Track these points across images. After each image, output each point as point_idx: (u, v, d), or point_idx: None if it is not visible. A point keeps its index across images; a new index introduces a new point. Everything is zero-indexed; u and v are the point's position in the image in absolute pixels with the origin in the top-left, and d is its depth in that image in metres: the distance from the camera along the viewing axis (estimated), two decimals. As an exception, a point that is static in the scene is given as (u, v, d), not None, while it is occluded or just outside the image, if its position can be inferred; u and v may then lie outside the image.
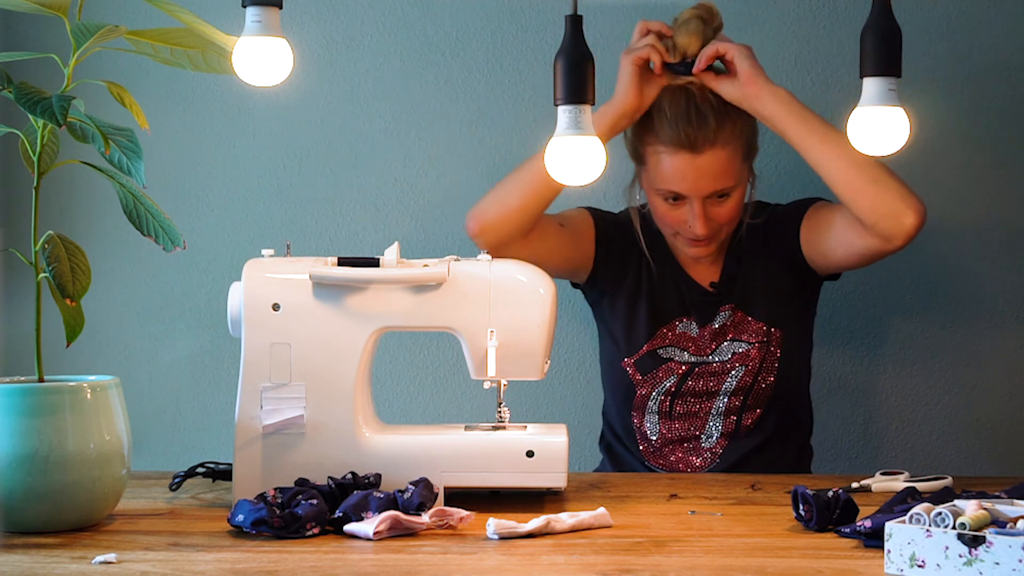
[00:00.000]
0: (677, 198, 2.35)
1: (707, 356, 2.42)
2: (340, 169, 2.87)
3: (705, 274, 2.46)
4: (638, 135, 2.37)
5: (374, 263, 1.91)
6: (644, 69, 2.30)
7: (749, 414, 2.41)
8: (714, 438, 2.41)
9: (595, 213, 2.51)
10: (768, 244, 2.44)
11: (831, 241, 2.36)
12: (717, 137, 2.30)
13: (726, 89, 2.28)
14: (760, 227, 2.45)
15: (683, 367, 2.42)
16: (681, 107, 2.30)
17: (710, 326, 2.43)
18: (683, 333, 2.44)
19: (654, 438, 2.43)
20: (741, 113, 2.31)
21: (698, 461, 2.42)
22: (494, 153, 2.84)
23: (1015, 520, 1.51)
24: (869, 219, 2.24)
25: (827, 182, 2.28)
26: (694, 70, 2.28)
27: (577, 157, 2.05)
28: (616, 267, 2.48)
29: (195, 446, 2.86)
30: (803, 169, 2.79)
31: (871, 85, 1.97)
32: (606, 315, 2.50)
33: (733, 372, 2.40)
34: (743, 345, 2.41)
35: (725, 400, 2.41)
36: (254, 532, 1.70)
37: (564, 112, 2.03)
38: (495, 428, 1.93)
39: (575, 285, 2.56)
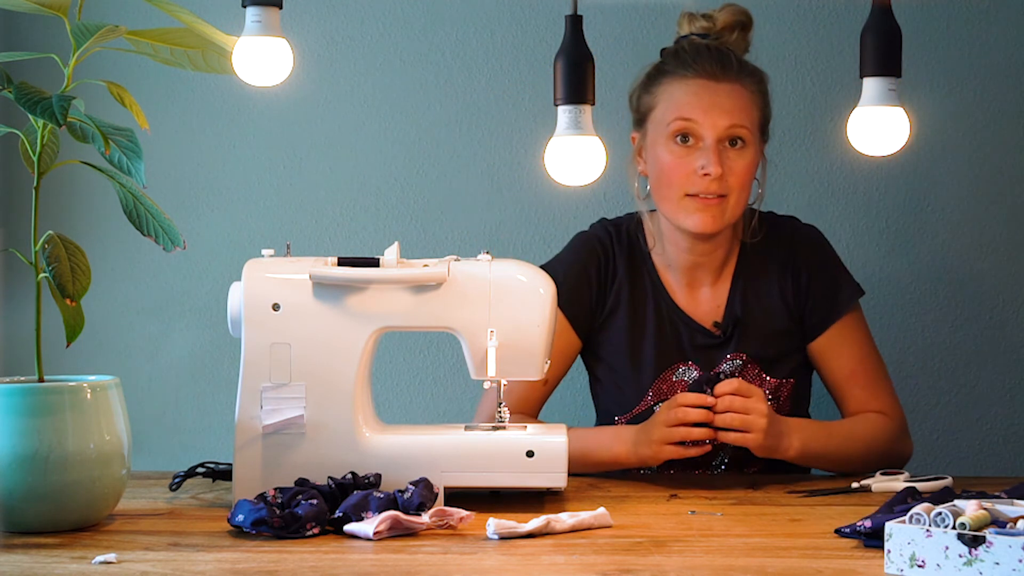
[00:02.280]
0: (687, 138, 2.20)
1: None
2: (340, 169, 2.87)
3: (706, 309, 2.32)
4: (649, 86, 2.26)
5: (374, 263, 1.90)
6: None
7: (756, 462, 2.28)
8: (718, 473, 2.29)
9: (559, 297, 2.02)
10: (785, 295, 2.31)
11: (828, 385, 2.34)
12: (739, 75, 2.21)
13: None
14: (767, 254, 2.32)
15: None
16: (702, 48, 2.23)
17: (714, 373, 2.25)
18: (681, 382, 2.28)
19: (656, 468, 2.29)
20: (761, 82, 2.25)
21: None
22: (494, 153, 2.84)
23: (1015, 520, 1.51)
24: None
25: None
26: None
27: (577, 157, 2.05)
28: (602, 326, 2.34)
29: (195, 446, 2.86)
30: (801, 175, 2.79)
31: (871, 85, 1.97)
32: (599, 373, 2.37)
33: None
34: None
35: (731, 448, 2.25)
36: (254, 532, 1.70)
37: (564, 112, 2.03)
38: (495, 428, 1.93)
39: None
